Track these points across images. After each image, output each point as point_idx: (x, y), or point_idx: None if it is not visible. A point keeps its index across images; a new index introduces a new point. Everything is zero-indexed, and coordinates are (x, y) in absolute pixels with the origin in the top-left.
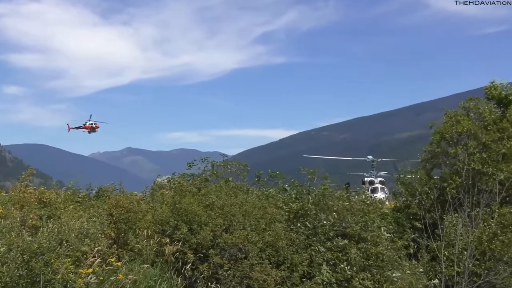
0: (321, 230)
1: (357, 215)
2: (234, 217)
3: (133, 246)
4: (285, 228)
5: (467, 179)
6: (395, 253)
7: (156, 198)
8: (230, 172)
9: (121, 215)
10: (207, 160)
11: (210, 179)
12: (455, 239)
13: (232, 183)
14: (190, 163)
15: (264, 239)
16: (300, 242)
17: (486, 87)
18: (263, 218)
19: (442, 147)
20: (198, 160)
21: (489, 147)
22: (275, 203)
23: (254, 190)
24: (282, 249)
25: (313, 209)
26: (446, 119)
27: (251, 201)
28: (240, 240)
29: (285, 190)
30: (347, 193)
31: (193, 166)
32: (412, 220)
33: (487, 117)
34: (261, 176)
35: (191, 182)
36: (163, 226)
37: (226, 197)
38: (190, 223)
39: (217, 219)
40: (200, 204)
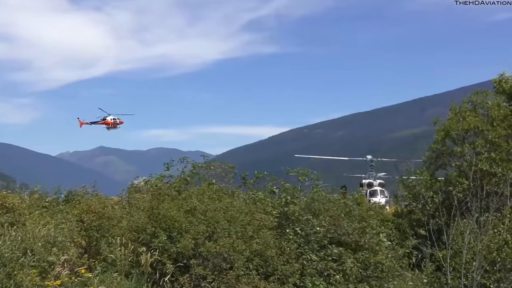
0: (314, 237)
1: (354, 221)
2: (218, 223)
3: (106, 256)
4: (274, 235)
5: (475, 181)
6: (396, 263)
7: (131, 203)
8: (214, 173)
9: (93, 221)
10: (187, 160)
11: (192, 182)
12: (462, 248)
13: (215, 186)
14: (168, 164)
15: (252, 248)
16: (291, 251)
17: (494, 80)
18: (250, 225)
19: (447, 145)
20: (177, 160)
21: (498, 146)
22: (264, 208)
23: (240, 194)
24: (271, 258)
25: (305, 214)
26: (451, 115)
27: (237, 205)
28: (225, 249)
29: (274, 193)
30: (343, 196)
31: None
32: (415, 226)
33: (495, 112)
34: (247, 178)
35: (170, 184)
36: (139, 234)
37: (209, 201)
38: (169, 230)
39: (199, 225)
40: (181, 209)
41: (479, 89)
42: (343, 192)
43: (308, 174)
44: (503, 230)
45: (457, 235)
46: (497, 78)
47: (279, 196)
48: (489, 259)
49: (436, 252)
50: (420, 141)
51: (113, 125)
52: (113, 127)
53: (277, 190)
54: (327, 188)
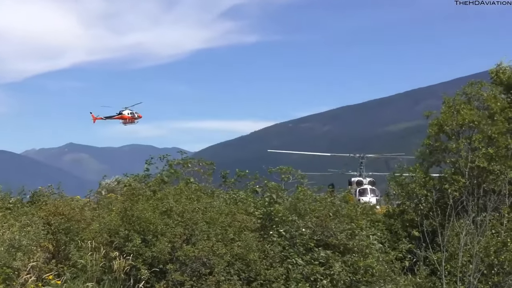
0: (300, 239)
1: (343, 222)
2: (197, 225)
3: (75, 261)
4: (257, 237)
5: (471, 178)
6: (387, 267)
7: (103, 204)
8: (192, 172)
9: (61, 224)
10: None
11: (168, 181)
12: (458, 250)
13: (194, 185)
14: (148, 161)
15: (233, 251)
16: (275, 254)
17: (491, 70)
18: (231, 226)
19: (441, 141)
20: (156, 158)
21: (496, 141)
22: (246, 208)
23: (220, 193)
24: (253, 262)
25: (289, 215)
26: (445, 108)
27: (217, 206)
28: (204, 253)
29: (257, 192)
30: (330, 195)
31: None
32: (408, 227)
33: (492, 105)
34: (228, 176)
35: (145, 184)
36: (111, 237)
37: (187, 201)
38: (144, 233)
39: (176, 228)
40: (156, 211)
41: (473, 80)
42: (331, 191)
43: (292, 172)
44: (501, 231)
45: (453, 236)
46: (494, 69)
47: (262, 196)
48: (487, 262)
49: (430, 255)
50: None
51: (130, 120)
52: (130, 122)
53: (260, 189)
54: (313, 186)
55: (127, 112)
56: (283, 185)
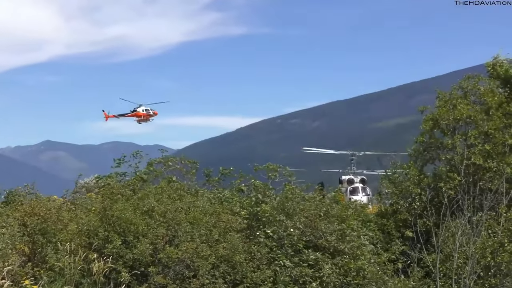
0: (288, 240)
1: (333, 222)
2: (180, 226)
3: (52, 264)
4: (243, 239)
5: (467, 176)
6: (379, 269)
7: (77, 204)
8: (174, 170)
9: (38, 225)
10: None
11: (149, 179)
12: (453, 251)
13: (176, 184)
14: (119, 159)
15: (218, 253)
16: (262, 256)
17: (488, 63)
18: (216, 227)
19: (436, 137)
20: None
21: (493, 137)
22: (231, 208)
23: (204, 192)
24: (239, 265)
25: (277, 215)
26: (440, 103)
27: (201, 205)
28: (188, 255)
29: (242, 191)
30: (320, 194)
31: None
32: (401, 227)
33: (489, 99)
34: (211, 175)
35: (124, 183)
36: (90, 239)
37: (169, 201)
38: (124, 234)
39: (158, 228)
40: (137, 211)
41: (470, 73)
42: (320, 189)
43: (279, 170)
44: (498, 231)
45: (448, 237)
46: (491, 62)
47: (248, 195)
48: (483, 263)
49: (424, 256)
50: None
51: (145, 118)
52: (145, 119)
53: (246, 188)
54: (302, 185)
55: (142, 109)
56: (270, 184)
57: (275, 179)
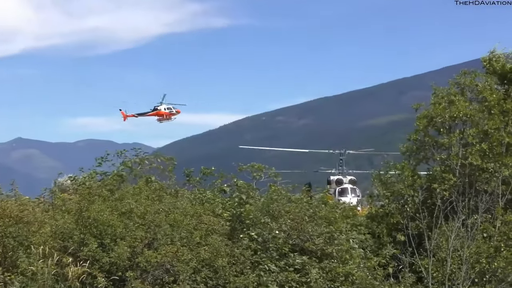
0: (273, 243)
1: (320, 225)
2: (159, 228)
3: (24, 269)
4: (226, 242)
5: (463, 177)
6: (369, 274)
7: (55, 205)
8: (152, 169)
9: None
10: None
11: (127, 179)
12: (446, 255)
13: (155, 184)
14: (101, 159)
15: (199, 257)
16: (246, 260)
17: (484, 58)
18: (198, 229)
19: (431, 135)
20: (113, 154)
21: (491, 136)
22: (213, 210)
23: (185, 193)
24: (222, 269)
25: (262, 217)
26: (435, 99)
27: (182, 207)
28: (168, 259)
29: (225, 192)
30: (307, 195)
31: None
32: (393, 230)
33: (488, 96)
34: (192, 175)
35: (101, 182)
36: (65, 242)
37: (148, 202)
38: (101, 236)
39: (137, 231)
40: (114, 212)
41: (466, 69)
42: (307, 190)
43: (264, 170)
44: (494, 234)
45: (441, 240)
46: (487, 56)
47: (231, 196)
48: (478, 268)
49: (416, 261)
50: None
51: (167, 117)
52: (167, 118)
53: (229, 188)
54: (288, 185)
55: (163, 108)
56: (255, 184)
57: (260, 179)
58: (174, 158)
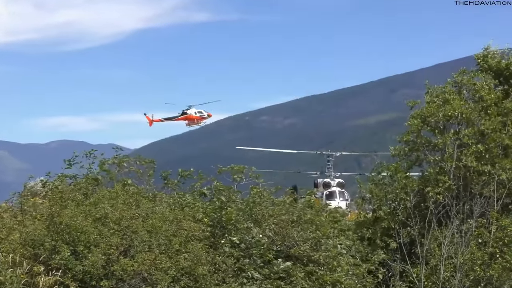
0: (256, 250)
1: (306, 229)
2: (136, 234)
3: None
4: (206, 248)
5: (457, 180)
6: (358, 281)
7: (25, 210)
8: (129, 172)
9: None
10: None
11: (103, 182)
12: (439, 262)
13: (132, 188)
14: (69, 160)
15: (178, 265)
16: (228, 268)
17: (478, 55)
18: (177, 236)
19: (424, 136)
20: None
21: (488, 137)
22: (193, 214)
23: (163, 197)
24: (203, 277)
25: (244, 222)
26: (430, 98)
27: (160, 212)
28: (145, 267)
29: (205, 195)
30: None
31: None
32: (383, 236)
33: (485, 96)
34: (170, 177)
35: (74, 186)
36: (35, 249)
37: (124, 206)
38: (74, 243)
39: (112, 237)
40: (88, 217)
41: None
42: (292, 193)
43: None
44: (489, 240)
45: (434, 246)
46: (481, 53)
47: (212, 199)
48: (472, 276)
49: (407, 268)
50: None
51: (198, 121)
52: (197, 123)
53: (209, 191)
54: (271, 187)
55: (193, 112)
56: (236, 187)
57: (241, 181)
58: (154, 161)
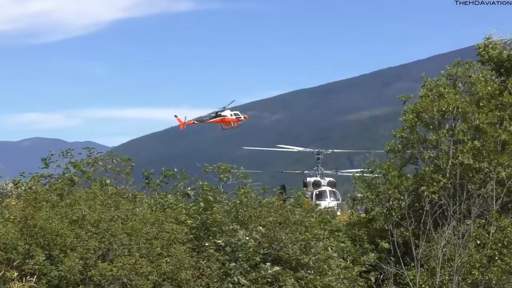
0: (243, 253)
1: (295, 231)
2: (115, 237)
3: None
4: (190, 252)
5: (453, 178)
6: (349, 285)
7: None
8: (106, 171)
9: None
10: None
11: (79, 182)
12: (436, 265)
13: (111, 188)
14: (46, 159)
15: (160, 269)
16: (212, 272)
17: (478, 45)
18: (158, 239)
19: (419, 132)
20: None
21: (485, 133)
22: (176, 216)
23: (144, 198)
24: (186, 283)
25: (230, 223)
26: (424, 92)
27: (140, 213)
28: (125, 272)
29: (189, 196)
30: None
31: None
32: (376, 237)
33: (481, 89)
34: (152, 177)
35: (49, 186)
36: (8, 253)
37: (103, 208)
38: (49, 247)
39: (90, 241)
40: (64, 220)
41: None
42: (280, 193)
43: (231, 170)
44: (488, 242)
45: (430, 249)
46: (482, 43)
47: (196, 200)
48: (470, 279)
49: (402, 271)
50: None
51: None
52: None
53: (193, 192)
54: (258, 188)
55: (229, 113)
56: (222, 187)
57: (228, 181)
58: (132, 158)
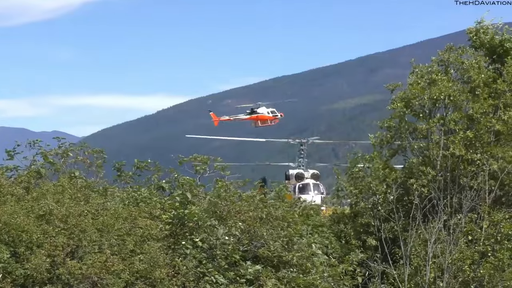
0: (221, 250)
1: (277, 227)
2: (85, 233)
3: None
4: (165, 249)
5: (444, 170)
6: (334, 284)
7: None
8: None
9: None
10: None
11: (47, 175)
12: (425, 262)
13: (80, 181)
14: (11, 151)
15: (133, 267)
16: (189, 271)
17: (470, 29)
18: (131, 235)
19: (408, 121)
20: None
21: (477, 122)
22: (150, 211)
23: (116, 191)
24: (160, 282)
25: (207, 219)
26: (414, 79)
27: (112, 208)
28: (95, 270)
29: (164, 189)
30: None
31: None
32: (362, 233)
33: (474, 76)
34: (124, 169)
35: (15, 179)
36: None
37: (72, 202)
38: (15, 244)
39: (58, 237)
40: (30, 214)
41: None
42: (261, 186)
43: (209, 162)
44: (480, 237)
45: (419, 245)
46: (473, 28)
47: (171, 194)
48: (461, 277)
49: (389, 269)
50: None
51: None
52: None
53: (168, 185)
54: (238, 181)
55: (265, 111)
56: (198, 180)
57: (205, 173)
58: (103, 150)
